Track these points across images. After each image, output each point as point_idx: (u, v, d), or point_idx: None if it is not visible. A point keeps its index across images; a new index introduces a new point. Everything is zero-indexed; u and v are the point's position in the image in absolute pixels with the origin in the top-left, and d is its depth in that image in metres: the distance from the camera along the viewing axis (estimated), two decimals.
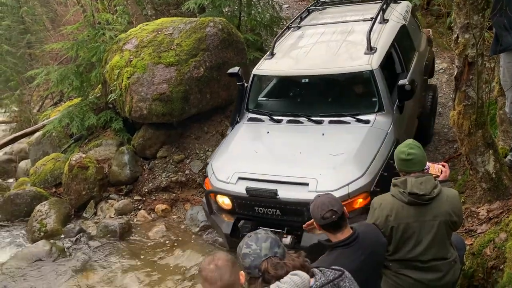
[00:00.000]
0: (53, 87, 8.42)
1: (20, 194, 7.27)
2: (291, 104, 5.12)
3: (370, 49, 4.55)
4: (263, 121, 4.74)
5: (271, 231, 3.75)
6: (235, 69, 5.12)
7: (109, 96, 7.25)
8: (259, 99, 5.20)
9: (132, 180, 7.00)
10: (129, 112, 6.88)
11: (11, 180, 9.69)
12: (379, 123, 4.26)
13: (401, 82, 4.23)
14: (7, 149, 10.77)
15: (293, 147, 4.22)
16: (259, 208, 3.94)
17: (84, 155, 7.12)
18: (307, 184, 3.74)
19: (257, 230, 2.23)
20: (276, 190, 3.78)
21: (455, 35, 3.71)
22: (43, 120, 9.42)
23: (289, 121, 4.57)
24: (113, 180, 7.06)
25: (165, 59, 6.80)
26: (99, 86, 8.27)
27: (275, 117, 4.66)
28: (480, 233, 3.87)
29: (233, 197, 4.09)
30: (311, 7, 6.35)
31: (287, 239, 3.76)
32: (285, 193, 3.79)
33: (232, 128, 4.99)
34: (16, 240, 6.66)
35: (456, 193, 2.93)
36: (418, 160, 2.80)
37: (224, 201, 4.20)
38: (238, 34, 7.52)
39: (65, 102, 10.61)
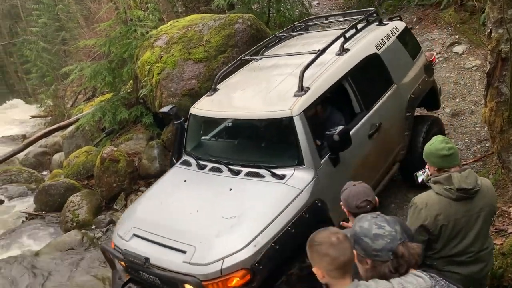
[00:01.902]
0: (87, 83, 8.68)
1: (54, 186, 7.56)
2: (218, 149, 4.60)
3: (301, 90, 3.89)
4: (191, 165, 4.25)
5: None
6: (166, 108, 4.72)
7: (140, 92, 7.41)
8: (197, 140, 4.66)
9: (161, 173, 7.09)
10: (159, 107, 7.02)
11: (45, 173, 10.06)
12: (294, 179, 3.65)
13: (328, 132, 3.65)
14: (42, 142, 11.18)
15: (196, 202, 3.74)
16: (142, 272, 3.47)
17: (115, 149, 7.32)
18: (184, 252, 3.27)
19: (377, 212, 2.06)
20: (147, 258, 3.33)
21: (488, 30, 3.64)
22: (77, 115, 9.71)
23: (211, 168, 4.06)
24: (143, 173, 7.23)
25: (194, 55, 6.90)
26: (131, 81, 8.47)
27: (201, 162, 4.16)
28: (510, 233, 3.79)
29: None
30: (281, 33, 5.52)
31: None
32: (160, 259, 3.33)
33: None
34: (50, 229, 6.94)
35: (490, 182, 2.90)
36: (457, 152, 2.78)
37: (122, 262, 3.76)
38: (267, 31, 7.55)
39: (97, 97, 10.91)
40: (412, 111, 4.94)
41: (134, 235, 3.63)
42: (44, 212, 7.52)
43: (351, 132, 3.99)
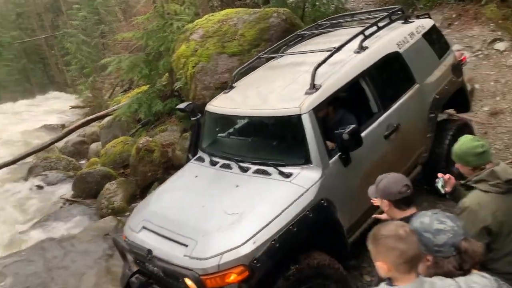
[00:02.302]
0: (124, 75, 8.95)
1: (91, 173, 7.84)
2: (230, 146, 4.62)
3: (313, 88, 3.85)
4: (204, 162, 4.33)
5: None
6: (182, 105, 4.85)
7: (175, 84, 7.57)
8: (211, 137, 4.69)
9: None
10: (193, 100, 7.15)
11: (83, 161, 10.43)
12: (301, 178, 3.62)
13: (338, 131, 3.56)
14: (80, 131, 11.60)
15: (202, 198, 3.82)
16: (148, 264, 3.57)
17: (150, 139, 7.51)
18: (186, 246, 3.33)
19: (437, 209, 2.04)
20: (150, 250, 3.45)
21: None
22: (114, 106, 10.00)
23: (222, 165, 4.13)
24: (176, 163, 7.37)
25: (228, 49, 6.97)
26: (166, 74, 8.65)
27: (214, 159, 4.25)
28: None
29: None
30: (303, 31, 5.44)
31: None
32: (163, 252, 3.42)
33: None
34: (86, 214, 7.23)
35: None
36: (489, 148, 2.75)
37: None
38: (302, 25, 7.52)
39: (134, 90, 11.20)
40: (436, 112, 4.77)
41: (143, 227, 3.74)
42: (81, 198, 7.82)
43: (365, 132, 3.94)
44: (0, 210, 8.20)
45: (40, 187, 8.85)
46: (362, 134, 3.80)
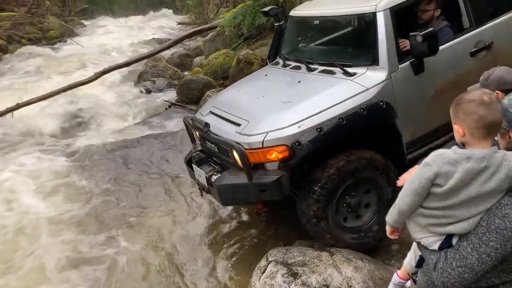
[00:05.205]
0: None
1: (194, 80, 8.32)
2: (305, 51, 4.65)
3: None
4: (278, 64, 4.50)
5: (211, 164, 3.87)
6: (267, 8, 4.90)
7: None
8: (291, 44, 4.74)
9: None
10: None
11: (186, 73, 11.03)
12: (364, 77, 3.58)
13: (413, 33, 3.39)
14: (185, 46, 12.17)
15: (265, 90, 4.03)
16: (207, 141, 3.90)
17: (251, 52, 7.69)
18: (239, 125, 3.58)
19: None
20: (207, 123, 3.72)
21: None
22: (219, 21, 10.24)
23: (293, 67, 4.26)
24: None
25: None
26: None
27: (287, 62, 4.37)
28: None
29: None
30: None
31: (216, 177, 3.69)
32: (219, 129, 3.70)
33: None
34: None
35: None
36: None
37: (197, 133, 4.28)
38: None
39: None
40: None
41: (210, 112, 4.07)
42: (184, 103, 8.38)
43: (448, 44, 3.74)
44: (113, 107, 9.12)
45: (148, 91, 9.62)
46: (444, 45, 3.65)
